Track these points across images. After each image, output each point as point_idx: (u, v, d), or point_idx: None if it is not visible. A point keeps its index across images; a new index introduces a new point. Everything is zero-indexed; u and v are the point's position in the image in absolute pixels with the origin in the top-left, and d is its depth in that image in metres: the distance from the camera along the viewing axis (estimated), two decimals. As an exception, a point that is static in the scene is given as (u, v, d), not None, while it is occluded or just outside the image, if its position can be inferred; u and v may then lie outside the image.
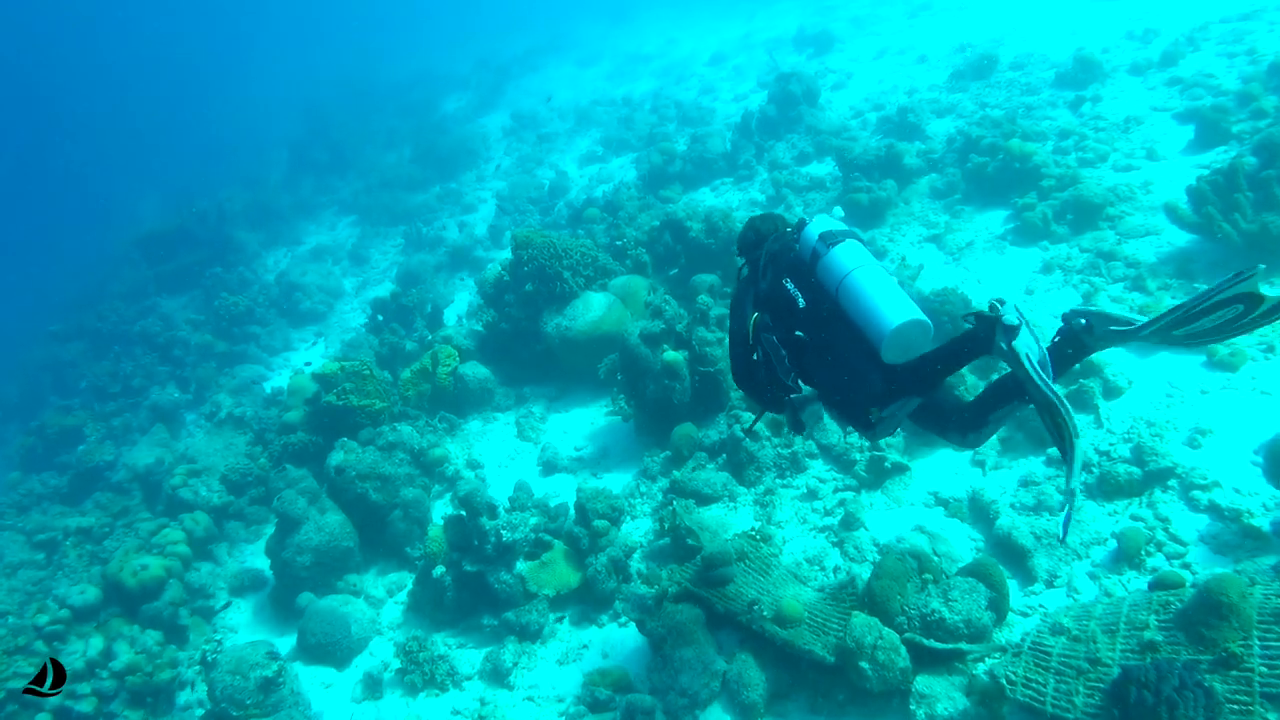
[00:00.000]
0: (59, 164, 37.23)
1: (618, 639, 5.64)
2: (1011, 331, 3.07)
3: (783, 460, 6.37)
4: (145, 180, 29.06)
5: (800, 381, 3.77)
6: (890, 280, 3.48)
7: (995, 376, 5.01)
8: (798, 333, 3.63)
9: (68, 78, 48.01)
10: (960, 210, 8.90)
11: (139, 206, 24.82)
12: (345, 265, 16.26)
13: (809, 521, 5.85)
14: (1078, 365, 3.27)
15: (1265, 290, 2.84)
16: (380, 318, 11.29)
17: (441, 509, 7.61)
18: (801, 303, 3.63)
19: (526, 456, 8.10)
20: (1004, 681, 4.05)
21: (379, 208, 17.69)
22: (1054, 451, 5.50)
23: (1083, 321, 3.18)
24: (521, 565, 5.99)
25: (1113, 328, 3.11)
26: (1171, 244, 7.10)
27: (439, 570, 6.17)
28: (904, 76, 14.52)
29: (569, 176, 16.07)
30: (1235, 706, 3.35)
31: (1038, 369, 3.02)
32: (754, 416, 4.13)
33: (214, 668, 5.79)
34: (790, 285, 3.69)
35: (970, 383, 6.03)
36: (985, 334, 3.18)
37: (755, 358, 3.84)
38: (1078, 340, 3.24)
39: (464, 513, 6.16)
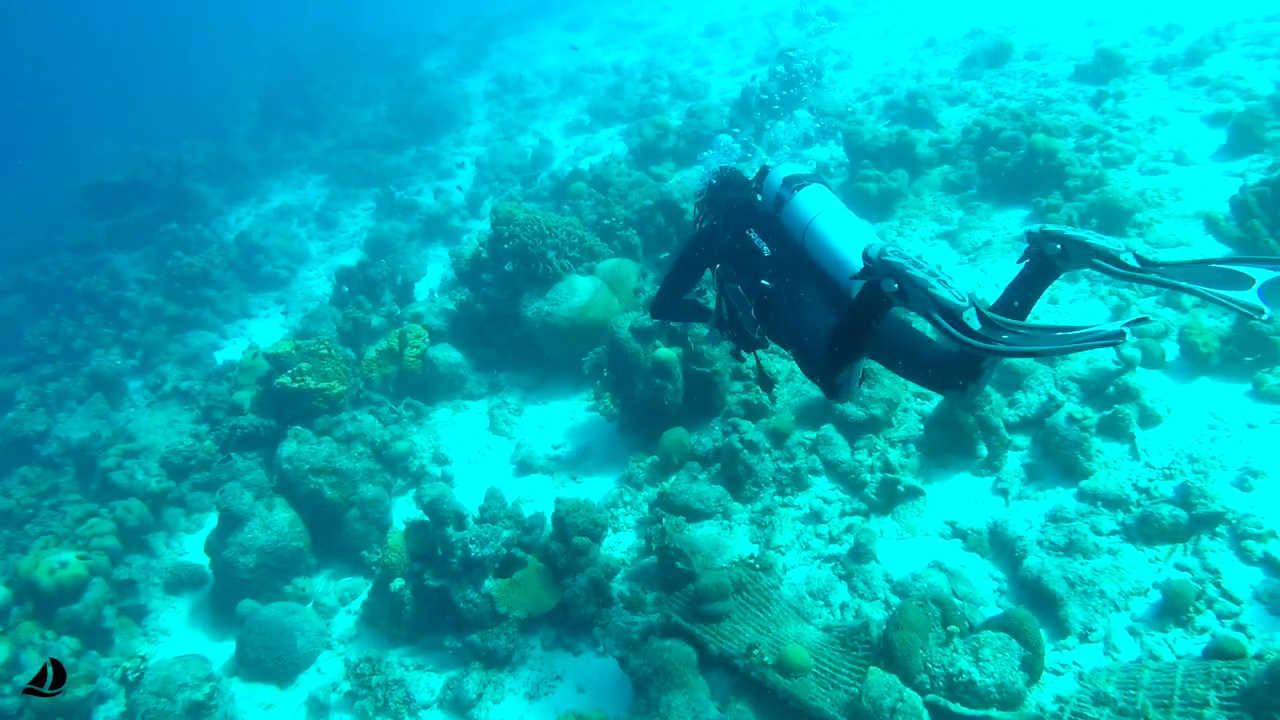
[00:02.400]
0: (9, 101, 35.13)
1: (595, 671, 5.06)
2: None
3: (783, 475, 5.79)
4: (104, 123, 27.48)
5: (765, 335, 3.69)
6: (858, 222, 3.28)
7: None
8: (764, 281, 3.51)
9: (22, 7, 45.30)
10: (976, 206, 8.31)
11: (94, 151, 23.33)
12: (312, 228, 15.22)
13: (813, 548, 5.28)
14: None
15: None
16: (345, 289, 10.45)
17: (404, 506, 6.94)
18: (767, 251, 3.51)
19: (499, 452, 7.43)
20: (1042, 759, 3.57)
21: (351, 168, 16.59)
22: (1086, 483, 4.99)
23: (1058, 247, 2.79)
24: (490, 583, 5.35)
25: (1097, 260, 2.69)
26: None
27: (398, 583, 5.53)
28: (911, 60, 13.85)
29: (553, 146, 15.21)
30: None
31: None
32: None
33: (135, 688, 5.10)
34: (754, 235, 3.56)
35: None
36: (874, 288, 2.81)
37: (723, 311, 3.85)
38: (1049, 266, 2.87)
39: (428, 519, 5.51)
